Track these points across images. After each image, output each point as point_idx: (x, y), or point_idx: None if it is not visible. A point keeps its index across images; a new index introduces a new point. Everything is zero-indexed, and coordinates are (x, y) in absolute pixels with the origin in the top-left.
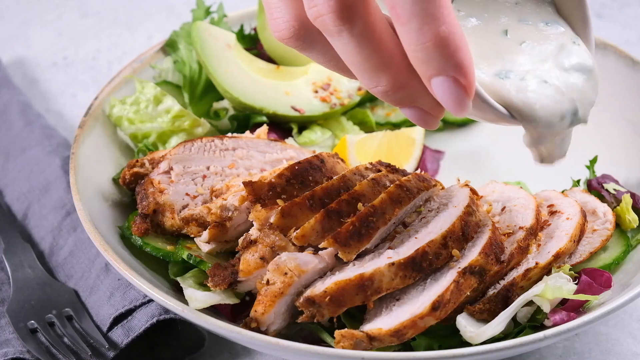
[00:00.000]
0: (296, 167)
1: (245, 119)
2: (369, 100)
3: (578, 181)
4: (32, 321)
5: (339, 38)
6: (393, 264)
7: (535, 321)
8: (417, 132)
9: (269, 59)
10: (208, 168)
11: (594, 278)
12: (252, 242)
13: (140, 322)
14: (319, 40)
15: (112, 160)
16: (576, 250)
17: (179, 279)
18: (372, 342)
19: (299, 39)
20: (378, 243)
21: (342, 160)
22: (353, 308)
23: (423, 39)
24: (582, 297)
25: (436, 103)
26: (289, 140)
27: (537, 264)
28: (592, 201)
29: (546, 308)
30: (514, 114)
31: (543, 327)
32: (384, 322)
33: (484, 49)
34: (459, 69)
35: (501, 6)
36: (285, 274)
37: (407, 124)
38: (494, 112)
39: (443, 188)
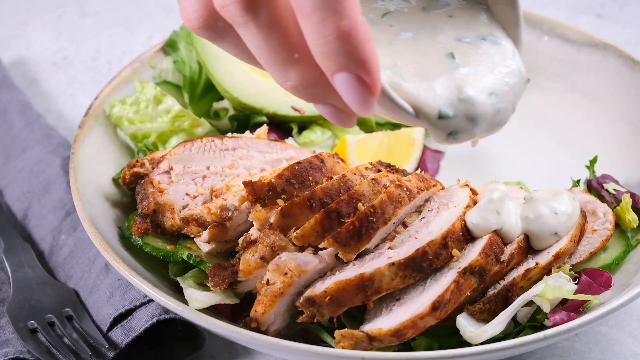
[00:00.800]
0: (296, 167)
1: (245, 119)
2: None
3: (578, 181)
4: (32, 321)
5: (245, 29)
6: (393, 264)
7: (535, 321)
8: (417, 132)
9: None
10: (208, 168)
11: (594, 278)
12: (252, 242)
13: (140, 322)
14: (229, 31)
15: (112, 160)
16: (576, 250)
17: (179, 279)
18: (372, 342)
19: (208, 29)
20: (378, 243)
21: (342, 160)
22: (353, 308)
23: (325, 33)
24: (582, 297)
25: None
26: (289, 140)
27: (537, 264)
28: (592, 201)
29: (546, 308)
30: (421, 115)
31: (543, 327)
32: (384, 322)
33: (419, 65)
34: (362, 66)
35: (436, 21)
36: (285, 274)
37: None
38: (402, 112)
39: (443, 188)
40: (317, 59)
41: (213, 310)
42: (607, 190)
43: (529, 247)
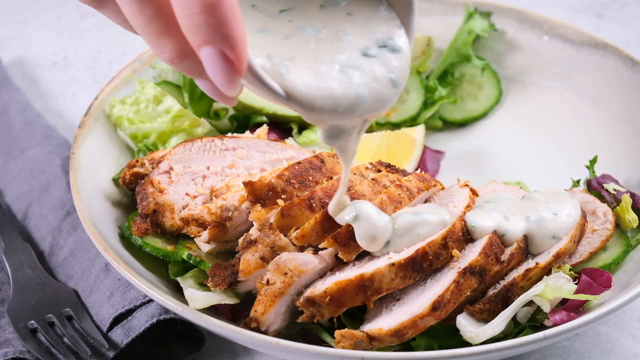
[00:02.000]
0: (296, 167)
1: (245, 119)
2: None
3: (578, 181)
4: (32, 321)
5: None
6: (393, 264)
7: (535, 321)
8: (417, 132)
9: None
10: (208, 168)
11: (594, 278)
12: (252, 242)
13: (140, 322)
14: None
15: (112, 160)
16: (576, 250)
17: (179, 279)
18: (372, 342)
19: None
20: None
21: None
22: (353, 308)
23: (190, 4)
24: (582, 297)
25: None
26: (289, 140)
27: (537, 264)
28: (592, 201)
29: (546, 308)
30: (291, 98)
31: (543, 327)
32: (384, 322)
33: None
34: (226, 41)
35: (337, 20)
36: (285, 274)
37: (407, 124)
38: (272, 93)
39: (443, 188)
40: (184, 32)
41: (213, 310)
42: (607, 190)
43: (528, 247)
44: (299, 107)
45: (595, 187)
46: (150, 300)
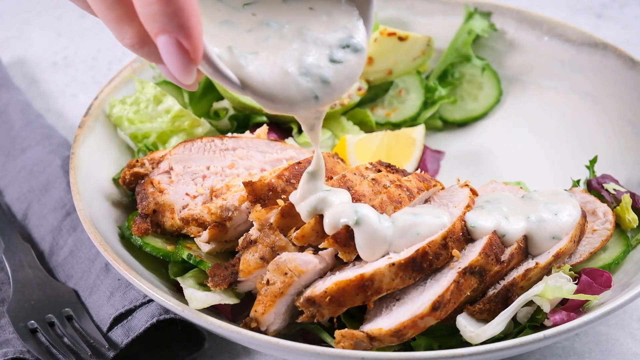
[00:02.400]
0: (296, 167)
1: (245, 119)
2: (369, 100)
3: (578, 181)
4: (32, 321)
5: None
6: (393, 264)
7: (535, 321)
8: (417, 132)
9: None
10: (208, 168)
11: (594, 278)
12: (252, 242)
13: (140, 322)
14: None
15: (112, 160)
16: (576, 250)
17: (179, 279)
18: (372, 342)
19: None
20: None
21: (342, 160)
22: (353, 308)
23: None
24: (582, 297)
25: None
26: (289, 140)
27: (537, 264)
28: (592, 201)
29: (546, 308)
30: (247, 88)
31: (543, 327)
32: (384, 322)
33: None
34: (181, 30)
35: (300, 16)
36: (285, 274)
37: (407, 124)
38: (227, 82)
39: (443, 188)
40: (142, 20)
41: (213, 310)
42: (607, 190)
43: (528, 248)
44: (255, 97)
45: (595, 187)
46: (150, 300)
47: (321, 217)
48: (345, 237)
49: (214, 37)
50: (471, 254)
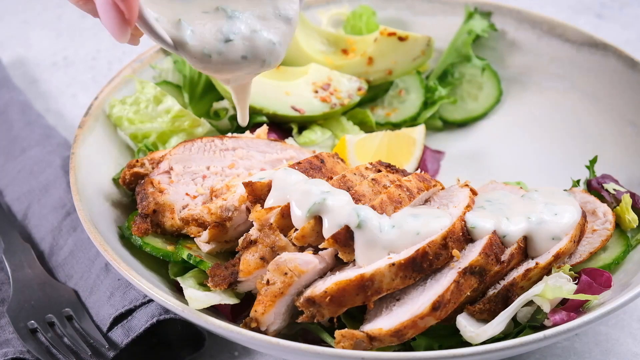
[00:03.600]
0: (296, 167)
1: None
2: (369, 100)
3: (578, 181)
4: (32, 321)
5: None
6: (393, 264)
7: (535, 321)
8: (417, 132)
9: None
10: (208, 168)
11: (594, 278)
12: (252, 242)
13: (140, 322)
14: None
15: (112, 160)
16: (576, 250)
17: (179, 279)
18: (373, 342)
19: None
20: None
21: (342, 160)
22: (353, 308)
23: None
24: (582, 297)
25: None
26: (289, 140)
27: (537, 264)
28: (592, 201)
29: (546, 308)
30: (180, 49)
31: (543, 327)
32: (384, 322)
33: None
34: None
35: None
36: (285, 274)
37: (407, 124)
38: (163, 42)
39: (443, 188)
40: None
41: (213, 310)
42: (607, 190)
43: (529, 248)
44: (187, 57)
45: (595, 187)
46: (150, 300)
47: (321, 217)
48: (345, 237)
49: (165, 8)
50: (471, 254)
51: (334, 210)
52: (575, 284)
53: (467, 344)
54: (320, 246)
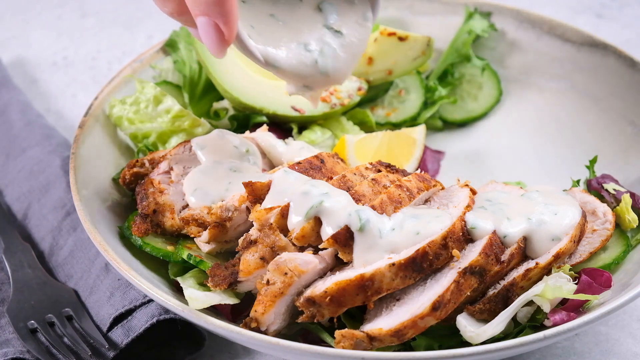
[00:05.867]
0: (296, 167)
1: (245, 119)
2: (369, 100)
3: (578, 181)
4: (32, 321)
5: None
6: (393, 264)
7: (535, 321)
8: (417, 132)
9: None
10: None
11: (594, 278)
12: (252, 242)
13: (140, 322)
14: None
15: (112, 160)
16: (576, 250)
17: (179, 279)
18: (373, 342)
19: None
20: None
21: (342, 160)
22: (353, 308)
23: None
24: (582, 297)
25: None
26: (290, 140)
27: (537, 264)
28: (592, 201)
29: (546, 308)
30: (270, 63)
31: (543, 327)
32: (384, 322)
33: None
34: (221, 17)
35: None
36: (286, 274)
37: (407, 124)
38: (254, 57)
39: (443, 188)
40: (187, 3)
41: (213, 310)
42: (607, 190)
43: (529, 248)
44: (275, 71)
45: (595, 187)
46: (150, 300)
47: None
48: (345, 238)
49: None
50: (471, 254)
51: (332, 213)
52: (575, 284)
53: (467, 344)
54: (320, 246)
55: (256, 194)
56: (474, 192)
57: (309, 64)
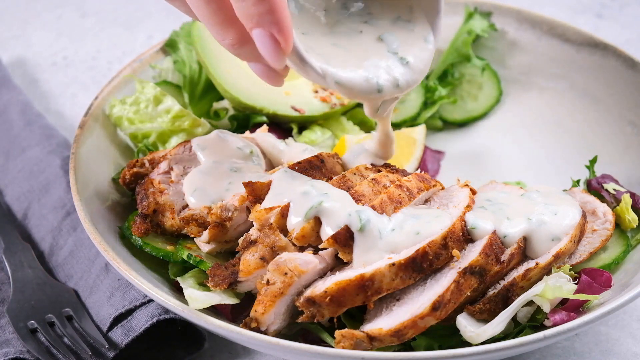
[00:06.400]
0: (296, 167)
1: (245, 119)
2: None
3: (578, 181)
4: (32, 321)
5: None
6: (393, 264)
7: (535, 321)
8: (417, 132)
9: None
10: None
11: (594, 278)
12: (252, 242)
13: (140, 322)
14: None
15: (112, 160)
16: (576, 250)
17: (179, 279)
18: (373, 342)
19: None
20: None
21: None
22: (353, 308)
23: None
24: (582, 297)
25: None
26: (289, 141)
27: (537, 264)
28: (592, 201)
29: (546, 308)
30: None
31: (543, 327)
32: (384, 322)
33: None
34: (275, 25)
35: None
36: (286, 274)
37: (407, 124)
38: (312, 71)
39: (443, 188)
40: (239, 17)
41: (213, 310)
42: (607, 190)
43: (529, 248)
44: (334, 86)
45: (595, 187)
46: (150, 300)
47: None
48: (345, 238)
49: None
50: (471, 254)
51: (332, 213)
52: (575, 284)
53: (467, 344)
54: (320, 246)
55: (256, 193)
56: (474, 192)
57: (375, 88)
